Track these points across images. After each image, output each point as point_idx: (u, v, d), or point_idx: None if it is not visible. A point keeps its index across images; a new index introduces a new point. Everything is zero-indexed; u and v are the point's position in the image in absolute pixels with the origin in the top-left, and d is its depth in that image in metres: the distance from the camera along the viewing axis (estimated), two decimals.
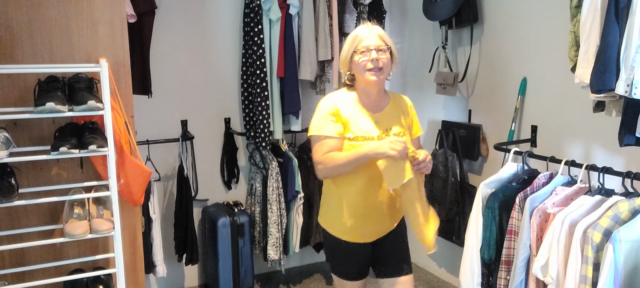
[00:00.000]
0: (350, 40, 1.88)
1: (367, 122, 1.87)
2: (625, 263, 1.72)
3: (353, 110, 1.87)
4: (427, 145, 3.44)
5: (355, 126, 1.85)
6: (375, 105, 1.91)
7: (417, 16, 3.31)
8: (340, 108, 1.86)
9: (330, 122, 1.84)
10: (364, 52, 1.82)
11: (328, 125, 1.84)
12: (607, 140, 2.26)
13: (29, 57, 1.98)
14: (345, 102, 1.89)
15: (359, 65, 1.84)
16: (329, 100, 1.89)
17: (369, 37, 1.84)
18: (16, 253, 2.01)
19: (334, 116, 1.85)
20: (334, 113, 1.85)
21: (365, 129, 1.85)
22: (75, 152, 1.81)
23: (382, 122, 1.89)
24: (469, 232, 2.31)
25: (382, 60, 1.82)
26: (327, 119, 1.85)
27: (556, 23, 2.46)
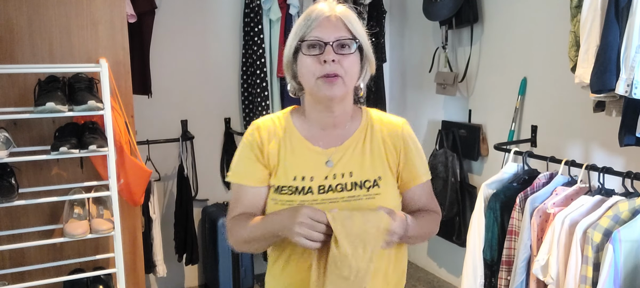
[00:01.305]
0: (297, 25, 1.17)
1: (305, 163, 1.17)
2: (625, 263, 1.71)
3: (287, 144, 1.19)
4: (427, 145, 3.44)
5: (283, 170, 1.17)
6: (329, 135, 1.20)
7: (417, 16, 3.31)
8: (265, 140, 1.19)
9: (248, 163, 1.19)
10: (314, 46, 1.12)
11: (245, 168, 1.19)
12: (607, 140, 2.26)
13: (29, 57, 1.98)
14: (276, 130, 1.21)
15: (305, 67, 1.13)
16: (251, 128, 1.23)
17: (325, 23, 1.13)
18: (16, 253, 2.01)
19: (255, 153, 1.19)
20: (255, 148, 1.20)
21: (298, 177, 1.16)
22: (75, 152, 1.81)
23: (338, 164, 1.17)
24: (471, 233, 2.31)
25: (343, 62, 1.11)
26: (245, 157, 1.20)
27: (556, 23, 2.46)
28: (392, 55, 3.68)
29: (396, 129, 1.25)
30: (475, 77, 3.03)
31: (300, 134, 1.21)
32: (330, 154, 1.19)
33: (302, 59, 1.14)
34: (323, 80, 1.11)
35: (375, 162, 1.20)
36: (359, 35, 1.16)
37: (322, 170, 1.17)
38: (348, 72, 1.13)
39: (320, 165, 1.18)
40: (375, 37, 3.31)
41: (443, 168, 3.02)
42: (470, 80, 3.06)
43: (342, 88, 1.13)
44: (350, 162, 1.19)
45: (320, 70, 1.11)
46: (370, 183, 1.17)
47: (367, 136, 1.22)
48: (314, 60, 1.12)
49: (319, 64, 1.11)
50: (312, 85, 1.13)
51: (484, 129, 3.00)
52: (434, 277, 3.53)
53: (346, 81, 1.13)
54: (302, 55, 1.14)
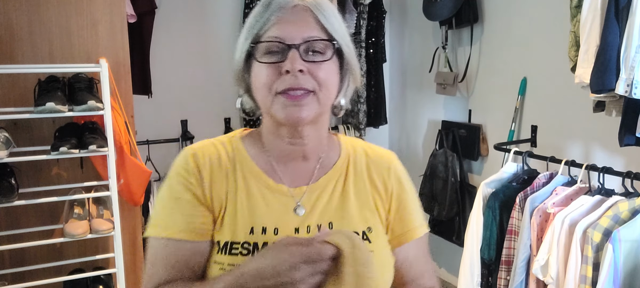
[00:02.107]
0: (251, 18, 0.84)
1: (265, 209, 0.84)
2: (625, 263, 1.71)
3: (239, 180, 0.86)
4: (427, 145, 3.44)
5: (233, 219, 0.83)
6: (296, 170, 0.89)
7: (417, 16, 3.31)
8: (206, 174, 0.85)
9: (182, 206, 0.83)
10: (273, 50, 0.80)
11: (177, 213, 0.83)
12: (607, 140, 2.26)
13: (29, 57, 1.98)
14: (222, 161, 0.87)
15: (260, 79, 0.82)
16: (185, 156, 0.86)
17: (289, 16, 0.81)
18: (16, 253, 2.01)
19: (193, 192, 0.83)
20: (191, 185, 0.84)
21: (257, 229, 0.82)
22: (75, 152, 1.81)
23: (312, 211, 0.86)
24: (469, 231, 2.31)
25: (316, 72, 0.80)
26: (177, 198, 0.84)
27: (556, 23, 2.46)
28: (392, 55, 3.68)
29: (385, 163, 0.94)
30: (475, 77, 3.02)
31: (257, 167, 0.86)
32: (299, 196, 0.85)
33: (256, 68, 0.81)
34: (285, 97, 0.79)
35: (362, 208, 0.88)
36: (338, 35, 0.83)
37: (290, 220, 0.83)
38: (323, 86, 0.80)
39: (286, 211, 0.84)
40: (375, 37, 3.31)
41: (443, 168, 3.02)
42: (470, 80, 3.06)
43: (314, 108, 0.81)
44: (328, 208, 0.86)
45: (280, 83, 0.78)
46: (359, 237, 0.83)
47: (349, 172, 0.90)
48: (272, 70, 0.79)
49: (280, 74, 0.78)
50: (269, 105, 0.81)
51: (484, 129, 3.00)
52: None
53: (320, 98, 0.81)
54: (254, 62, 0.82)
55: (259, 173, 0.87)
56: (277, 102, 0.80)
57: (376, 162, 0.94)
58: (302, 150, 0.87)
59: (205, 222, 0.83)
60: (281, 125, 0.84)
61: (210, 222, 0.83)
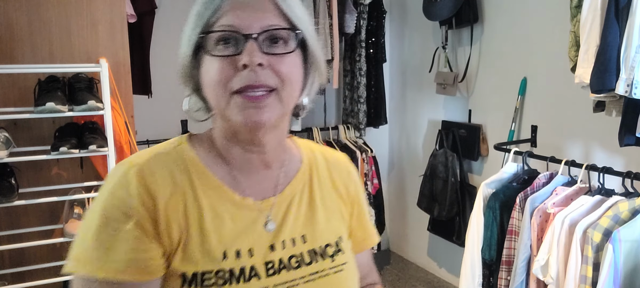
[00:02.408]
0: (199, 5, 0.72)
1: (234, 228, 0.74)
2: (625, 263, 1.72)
3: (200, 197, 0.73)
4: (427, 145, 3.44)
5: (200, 245, 0.70)
6: (259, 180, 0.79)
7: (417, 16, 3.31)
8: (159, 195, 0.70)
9: (124, 240, 0.67)
10: (227, 40, 0.69)
11: (117, 249, 0.67)
12: (607, 140, 2.26)
13: (29, 57, 1.98)
14: (174, 175, 0.73)
15: (211, 76, 0.70)
16: (126, 177, 0.70)
17: (245, 2, 0.70)
18: (16, 253, 2.01)
19: (139, 222, 0.68)
20: (138, 212, 0.68)
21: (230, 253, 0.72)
22: (75, 152, 1.81)
23: (284, 225, 0.78)
24: (469, 232, 2.31)
25: (278, 66, 0.70)
26: (115, 229, 0.67)
27: (556, 23, 2.46)
28: (392, 55, 3.68)
29: (344, 167, 0.91)
30: (475, 77, 3.03)
31: (217, 180, 0.74)
32: (267, 210, 0.77)
33: (209, 63, 0.70)
34: (243, 97, 0.68)
35: (331, 216, 0.84)
36: (302, 23, 0.73)
37: (263, 238, 0.75)
38: (286, 83, 0.70)
39: (256, 228, 0.75)
40: (375, 37, 3.31)
41: (443, 168, 3.02)
42: (470, 80, 3.06)
43: (277, 110, 0.71)
44: (299, 220, 0.79)
45: (237, 80, 0.68)
46: (333, 248, 0.80)
47: (313, 179, 0.84)
48: (226, 64, 0.68)
49: (236, 70, 0.68)
50: (223, 106, 0.70)
51: (484, 129, 3.00)
52: (434, 277, 3.53)
53: (283, 97, 0.71)
54: (205, 55, 0.71)
55: (220, 187, 0.74)
56: (234, 102, 0.69)
57: (336, 167, 0.89)
58: (262, 158, 0.78)
59: (154, 257, 0.67)
60: (237, 129, 0.73)
61: (160, 255, 0.68)
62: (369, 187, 3.33)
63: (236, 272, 0.70)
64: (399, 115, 3.74)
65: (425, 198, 3.16)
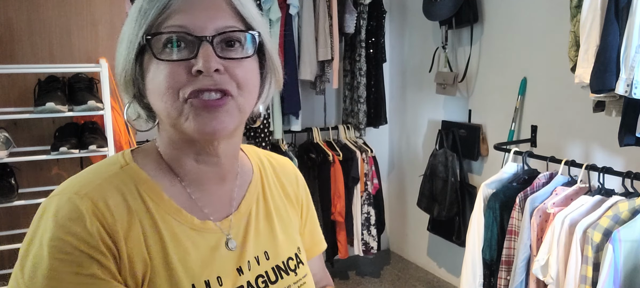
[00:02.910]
0: (142, 1, 0.64)
1: (199, 256, 0.67)
2: (625, 263, 1.72)
3: (158, 225, 0.65)
4: (427, 145, 3.44)
5: (168, 281, 0.63)
6: (215, 197, 0.73)
7: (417, 16, 3.31)
8: (117, 227, 0.61)
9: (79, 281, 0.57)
10: (178, 43, 0.62)
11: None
12: (607, 140, 2.26)
13: (29, 57, 1.98)
14: (128, 202, 0.64)
15: (159, 82, 0.62)
16: (78, 212, 0.59)
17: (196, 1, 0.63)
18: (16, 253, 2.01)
19: (99, 261, 0.59)
20: (97, 251, 0.59)
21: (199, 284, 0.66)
22: (75, 152, 1.81)
23: (246, 245, 0.73)
24: (470, 232, 2.31)
25: (235, 71, 0.64)
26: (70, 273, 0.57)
27: (556, 23, 2.46)
28: (392, 55, 3.68)
29: (292, 172, 0.86)
30: (475, 77, 3.03)
31: (173, 202, 0.67)
32: (227, 229, 0.71)
33: (156, 68, 0.63)
34: (199, 103, 0.62)
35: (287, 227, 0.80)
36: (258, 25, 0.67)
37: (228, 262, 0.69)
38: (244, 89, 0.65)
39: (220, 252, 0.69)
40: (375, 37, 3.31)
41: (443, 168, 3.02)
42: (470, 80, 3.06)
43: (235, 117, 0.65)
44: (258, 236, 0.75)
45: (191, 86, 0.62)
46: (294, 261, 0.77)
47: (265, 189, 0.79)
48: (177, 69, 0.62)
49: (188, 75, 0.62)
50: (174, 115, 0.63)
51: (484, 129, 3.00)
52: (434, 276, 3.53)
53: (240, 104, 0.65)
54: (153, 60, 0.63)
55: (178, 211, 0.67)
56: (188, 110, 0.62)
57: (283, 172, 0.84)
58: (217, 171, 0.71)
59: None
60: (190, 140, 0.66)
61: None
62: (369, 187, 3.33)
63: None
64: (399, 115, 3.74)
65: (425, 198, 3.16)
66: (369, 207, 3.35)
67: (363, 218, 3.34)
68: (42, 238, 0.58)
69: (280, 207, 0.80)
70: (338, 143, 3.33)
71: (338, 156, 3.18)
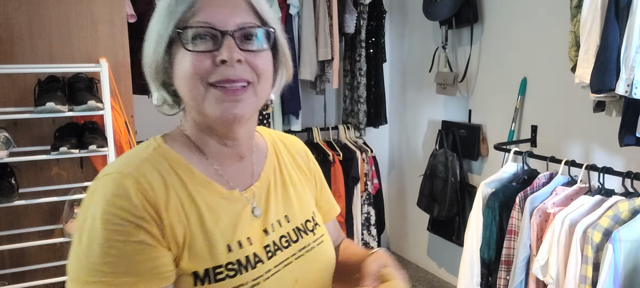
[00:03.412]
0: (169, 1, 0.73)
1: (230, 220, 0.76)
2: (625, 263, 1.72)
3: (194, 195, 0.74)
4: (427, 145, 3.44)
5: (206, 241, 0.72)
6: (237, 172, 0.82)
7: (417, 16, 3.31)
8: (159, 199, 0.70)
9: (135, 251, 0.66)
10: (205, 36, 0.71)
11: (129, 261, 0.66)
12: (607, 140, 2.26)
13: (29, 57, 1.98)
14: (165, 177, 0.73)
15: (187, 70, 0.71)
16: (125, 189, 0.68)
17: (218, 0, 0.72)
18: (16, 253, 2.01)
19: (146, 229, 0.68)
20: (144, 220, 0.68)
21: (234, 244, 0.74)
22: (75, 152, 1.81)
23: (268, 210, 0.82)
24: (468, 231, 2.32)
25: (254, 62, 0.73)
26: (123, 241, 0.66)
27: (556, 23, 2.46)
28: (392, 55, 3.68)
29: (301, 148, 0.97)
30: (475, 77, 3.03)
31: (204, 176, 0.76)
32: (251, 199, 0.80)
33: (183, 57, 0.71)
34: (221, 91, 0.70)
35: (302, 194, 0.89)
36: (273, 22, 0.76)
37: (254, 225, 0.78)
38: (262, 78, 0.74)
39: (247, 217, 0.78)
40: (375, 37, 3.31)
41: (443, 168, 3.02)
42: (470, 80, 3.06)
43: (252, 103, 0.74)
44: (278, 203, 0.84)
45: (215, 74, 0.70)
46: (312, 223, 0.87)
47: (280, 163, 0.89)
48: (203, 58, 0.70)
49: (213, 64, 0.70)
50: (199, 99, 0.71)
51: (484, 129, 3.00)
52: (434, 276, 3.53)
53: (258, 92, 0.74)
54: (181, 50, 0.71)
55: (208, 183, 0.76)
56: (211, 95, 0.71)
57: (294, 148, 0.95)
58: (236, 151, 0.81)
59: (166, 263, 0.68)
60: (213, 123, 0.75)
61: (171, 260, 0.69)
62: (369, 187, 3.33)
63: (243, 261, 0.74)
64: (399, 115, 3.74)
65: (425, 198, 3.16)
66: (369, 207, 3.35)
67: (363, 218, 3.34)
68: (95, 215, 0.66)
69: (294, 177, 0.90)
70: (338, 143, 3.33)
71: (338, 156, 3.18)
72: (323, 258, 0.86)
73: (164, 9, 0.73)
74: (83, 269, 0.66)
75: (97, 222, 0.65)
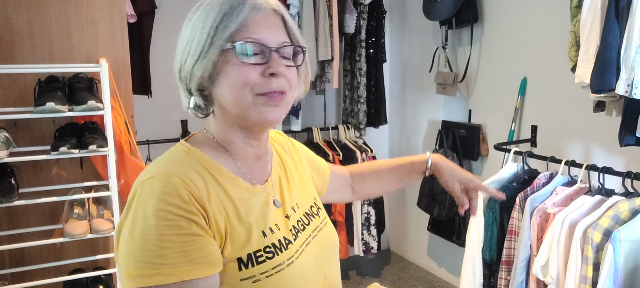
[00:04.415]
0: (214, 12, 0.81)
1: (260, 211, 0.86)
2: (625, 263, 1.72)
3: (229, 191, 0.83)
4: (427, 145, 3.44)
5: (245, 230, 0.81)
6: (255, 169, 0.91)
7: (417, 16, 3.31)
8: (204, 195, 0.77)
9: (193, 241, 0.74)
10: (254, 51, 0.80)
11: (188, 250, 0.73)
12: (607, 140, 2.26)
13: (29, 57, 1.98)
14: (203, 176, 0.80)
15: (238, 78, 0.80)
16: (175, 187, 0.75)
17: (264, 20, 0.83)
18: (16, 253, 2.01)
19: (197, 221, 0.75)
20: (195, 213, 0.75)
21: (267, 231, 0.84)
22: (75, 152, 1.81)
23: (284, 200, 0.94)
24: (470, 232, 2.31)
25: (289, 76, 0.84)
26: (179, 234, 0.73)
27: (556, 23, 2.46)
28: (392, 55, 3.68)
29: (283, 139, 1.10)
30: (475, 77, 3.03)
31: (231, 173, 0.85)
32: (270, 191, 0.91)
33: (235, 67, 0.79)
34: (265, 99, 0.81)
35: (302, 182, 1.03)
36: (302, 42, 0.88)
37: (277, 213, 0.89)
38: (293, 89, 0.86)
39: (271, 208, 0.89)
40: (375, 37, 3.31)
41: None
42: (470, 80, 3.06)
43: (285, 110, 0.86)
44: (289, 194, 0.96)
45: (264, 85, 0.80)
46: (315, 207, 1.01)
47: (282, 158, 1.02)
48: (253, 69, 0.80)
49: (261, 75, 0.80)
50: (246, 105, 0.81)
51: (484, 129, 3.00)
52: (434, 277, 3.53)
53: (288, 100, 0.86)
54: (231, 61, 0.80)
55: (236, 179, 0.85)
56: (258, 102, 0.81)
57: (281, 141, 1.08)
58: (256, 152, 0.92)
59: (216, 251, 0.77)
60: (248, 126, 0.86)
61: (219, 249, 0.78)
62: None
63: (277, 244, 0.84)
64: (399, 115, 3.74)
65: (425, 198, 3.16)
66: (369, 207, 3.35)
67: (363, 218, 3.34)
68: (146, 212, 0.73)
69: (291, 169, 1.02)
70: (338, 143, 3.33)
71: (338, 156, 3.18)
72: (331, 237, 0.99)
73: (213, 21, 0.81)
74: (139, 264, 0.71)
75: (150, 220, 0.72)
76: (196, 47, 0.82)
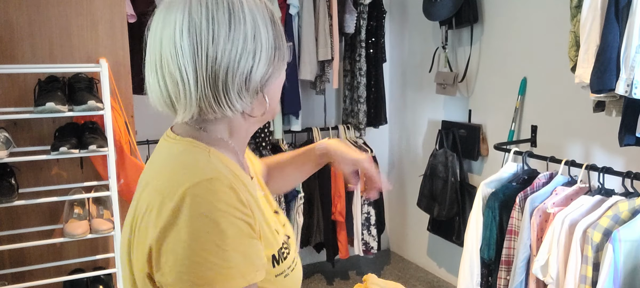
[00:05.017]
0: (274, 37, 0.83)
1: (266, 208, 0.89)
2: (625, 263, 1.72)
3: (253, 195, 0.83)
4: (427, 145, 3.44)
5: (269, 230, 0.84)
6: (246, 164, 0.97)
7: (417, 16, 3.32)
8: (245, 198, 0.77)
9: (252, 243, 0.75)
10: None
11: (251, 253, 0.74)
12: (607, 140, 2.26)
13: (29, 57, 1.98)
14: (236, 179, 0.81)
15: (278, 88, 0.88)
16: (232, 191, 0.75)
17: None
18: (16, 253, 2.01)
19: (249, 223, 0.76)
20: (247, 215, 0.75)
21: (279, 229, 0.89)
22: (75, 152, 1.81)
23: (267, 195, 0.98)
24: (468, 231, 2.31)
25: None
26: (240, 235, 0.73)
27: (556, 23, 2.46)
28: (392, 55, 3.68)
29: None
30: (475, 77, 3.03)
31: (244, 172, 0.88)
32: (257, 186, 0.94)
33: (282, 69, 0.86)
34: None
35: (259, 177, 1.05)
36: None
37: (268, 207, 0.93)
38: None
39: (265, 203, 0.91)
40: (375, 37, 3.31)
41: (443, 168, 3.02)
42: (470, 80, 3.06)
43: None
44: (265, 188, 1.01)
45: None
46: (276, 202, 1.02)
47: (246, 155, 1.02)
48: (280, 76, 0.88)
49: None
50: (274, 108, 0.88)
51: (484, 128, 3.00)
52: (434, 276, 3.53)
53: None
54: (281, 63, 0.85)
55: (247, 177, 0.87)
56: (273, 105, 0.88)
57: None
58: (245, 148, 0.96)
59: (263, 253, 0.78)
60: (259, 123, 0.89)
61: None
62: None
63: (286, 239, 0.88)
64: (399, 115, 3.74)
65: (425, 198, 3.16)
66: (369, 207, 3.35)
67: (363, 218, 3.34)
68: (209, 216, 0.70)
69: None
70: None
71: None
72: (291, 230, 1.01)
73: (275, 41, 0.82)
74: (199, 268, 0.68)
75: (218, 226, 0.70)
76: (266, 45, 0.80)
